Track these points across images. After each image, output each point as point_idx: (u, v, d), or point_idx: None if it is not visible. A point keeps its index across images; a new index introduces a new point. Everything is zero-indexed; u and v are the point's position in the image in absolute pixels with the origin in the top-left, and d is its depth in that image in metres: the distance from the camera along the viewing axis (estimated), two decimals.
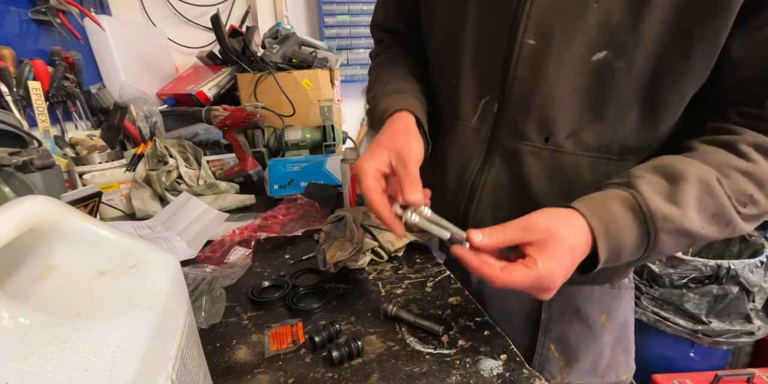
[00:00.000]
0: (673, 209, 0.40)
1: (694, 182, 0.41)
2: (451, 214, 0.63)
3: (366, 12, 2.21)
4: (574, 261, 0.41)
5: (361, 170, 0.48)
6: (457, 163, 0.60)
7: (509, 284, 0.40)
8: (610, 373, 0.65)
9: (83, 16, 1.26)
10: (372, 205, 0.47)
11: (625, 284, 0.64)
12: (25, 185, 0.71)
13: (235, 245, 0.75)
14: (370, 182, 0.47)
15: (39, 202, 0.27)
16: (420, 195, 0.45)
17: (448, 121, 0.61)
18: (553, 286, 0.41)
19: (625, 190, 0.42)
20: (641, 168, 0.45)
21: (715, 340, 1.31)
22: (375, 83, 0.66)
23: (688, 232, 0.41)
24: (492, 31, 0.51)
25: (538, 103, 0.50)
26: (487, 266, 0.41)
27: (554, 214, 0.42)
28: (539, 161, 0.53)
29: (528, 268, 0.39)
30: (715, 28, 0.41)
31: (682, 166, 0.42)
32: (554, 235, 0.40)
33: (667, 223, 0.41)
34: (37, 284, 0.27)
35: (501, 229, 0.42)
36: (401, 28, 0.71)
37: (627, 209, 0.41)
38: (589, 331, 0.63)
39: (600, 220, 0.41)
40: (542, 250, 0.40)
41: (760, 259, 1.32)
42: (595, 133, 0.50)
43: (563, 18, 0.46)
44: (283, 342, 0.50)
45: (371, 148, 0.51)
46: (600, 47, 0.45)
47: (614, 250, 0.42)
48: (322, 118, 1.29)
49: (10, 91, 0.93)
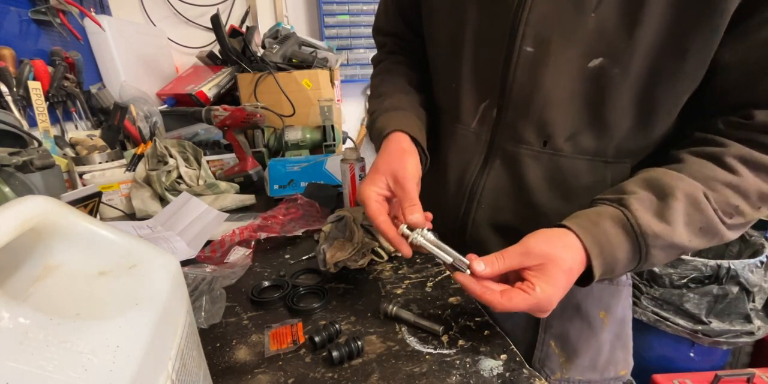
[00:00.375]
0: (663, 226, 0.42)
1: (682, 198, 0.43)
2: (452, 216, 0.64)
3: (366, 12, 2.21)
4: (570, 282, 0.43)
5: (364, 197, 0.51)
6: (457, 165, 0.61)
7: (510, 309, 0.42)
8: (609, 368, 0.66)
9: (83, 16, 1.26)
10: (379, 227, 0.50)
11: (623, 281, 0.65)
12: (25, 185, 0.71)
13: (235, 245, 0.75)
14: (374, 207, 0.51)
15: (39, 202, 0.27)
16: (420, 216, 0.48)
17: (449, 124, 0.62)
18: (550, 308, 0.43)
19: (617, 208, 0.44)
20: (633, 182, 0.47)
21: (715, 340, 1.31)
22: (374, 96, 0.69)
23: (677, 246, 0.44)
24: (491, 37, 0.53)
25: (536, 108, 0.51)
26: (489, 293, 0.43)
27: (551, 237, 0.44)
28: (538, 164, 0.54)
29: (527, 294, 0.41)
30: (708, 35, 0.42)
31: (671, 181, 0.44)
32: (552, 259, 0.42)
33: (657, 240, 0.43)
34: (37, 284, 0.27)
35: (501, 257, 0.44)
36: (403, 32, 0.72)
37: (619, 228, 0.43)
38: (588, 328, 0.63)
39: (594, 240, 0.43)
40: (541, 275, 0.42)
41: (760, 259, 1.32)
42: (593, 136, 0.51)
43: (561, 26, 0.47)
44: (283, 342, 0.50)
45: (370, 174, 0.54)
46: (596, 54, 0.46)
47: (608, 266, 0.44)
48: (322, 118, 1.29)
49: (10, 91, 0.93)
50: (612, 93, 0.47)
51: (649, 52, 0.44)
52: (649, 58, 0.45)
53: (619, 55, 0.45)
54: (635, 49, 0.44)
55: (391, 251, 0.71)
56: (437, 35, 0.62)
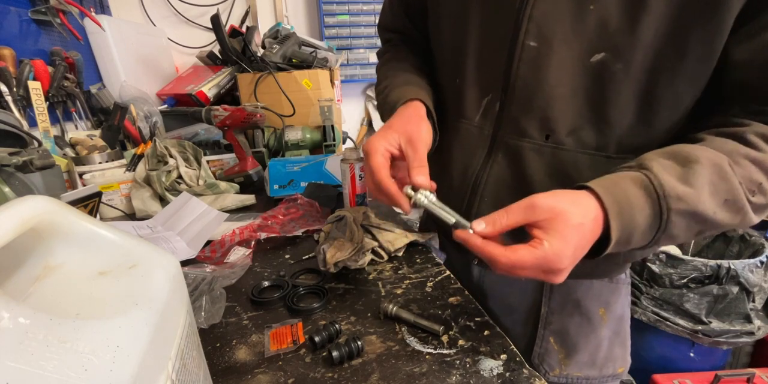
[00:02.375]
0: (687, 189, 0.40)
1: (707, 165, 0.40)
2: (455, 209, 0.63)
3: (366, 12, 2.21)
4: (584, 239, 0.40)
5: (371, 148, 0.49)
6: (460, 159, 0.61)
7: (515, 263, 0.39)
8: (608, 365, 0.66)
9: (83, 16, 1.26)
10: (380, 181, 0.48)
11: (623, 279, 0.65)
12: (25, 185, 0.71)
13: (235, 245, 0.75)
14: (378, 160, 0.49)
15: (39, 202, 0.27)
16: (426, 178, 0.47)
17: (452, 119, 0.62)
18: (561, 267, 0.39)
19: (638, 171, 0.42)
20: (652, 153, 0.44)
21: (715, 340, 1.31)
22: (384, 77, 0.68)
23: (700, 216, 0.41)
24: (495, 33, 0.53)
25: (539, 103, 0.51)
26: (491, 245, 0.40)
27: (558, 193, 0.42)
28: (540, 158, 0.54)
29: (534, 248, 0.38)
30: (710, 32, 0.42)
31: (693, 151, 0.42)
32: (559, 213, 0.39)
33: (680, 203, 0.40)
34: (37, 284, 0.27)
35: (504, 213, 0.41)
36: (408, 28, 0.73)
37: (640, 188, 0.40)
38: (588, 324, 0.64)
39: (614, 199, 0.40)
40: (548, 229, 0.39)
41: (760, 259, 1.32)
42: (595, 131, 0.51)
43: (563, 21, 0.47)
44: (283, 342, 0.50)
45: (382, 130, 0.52)
46: (598, 49, 0.46)
47: (626, 230, 0.41)
48: (322, 118, 1.29)
49: (10, 91, 0.93)
50: (614, 88, 0.47)
51: (650, 47, 0.44)
52: (650, 53, 0.44)
53: (621, 50, 0.45)
54: (637, 44, 0.44)
55: (391, 251, 0.71)
56: (441, 32, 0.62)
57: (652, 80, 0.46)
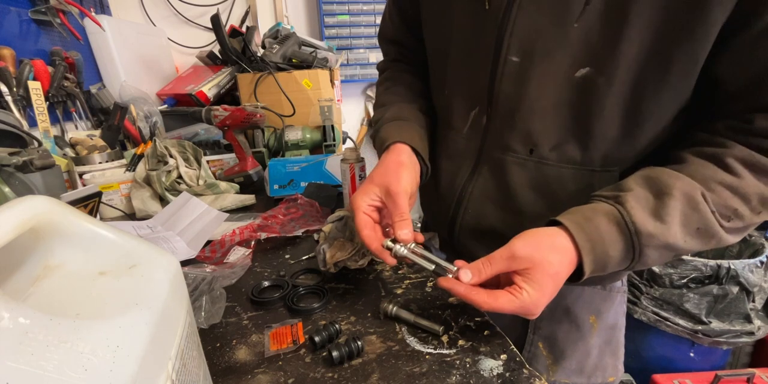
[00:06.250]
0: (658, 225, 0.42)
1: (679, 197, 0.42)
2: (441, 220, 0.64)
3: (366, 12, 2.21)
4: (557, 286, 0.43)
5: (355, 206, 0.53)
6: (449, 170, 0.62)
7: (496, 309, 0.42)
8: (597, 373, 0.65)
9: (83, 16, 1.26)
10: (363, 240, 0.52)
11: (617, 287, 0.64)
12: (25, 185, 0.71)
13: (235, 245, 0.75)
14: (361, 218, 0.52)
15: (39, 202, 0.27)
16: (409, 232, 0.50)
17: (442, 130, 0.64)
18: (537, 312, 0.43)
19: (613, 205, 0.44)
20: (632, 180, 0.46)
21: (715, 340, 1.31)
22: (380, 104, 0.70)
23: (672, 247, 0.43)
24: (478, 47, 0.53)
25: (522, 117, 0.52)
26: (474, 292, 0.43)
27: (538, 239, 0.44)
28: (524, 172, 0.54)
29: (514, 296, 0.42)
30: (693, 47, 0.42)
31: (669, 180, 0.43)
32: (538, 263, 0.42)
33: (651, 240, 0.42)
34: (37, 284, 0.27)
35: (488, 263, 0.44)
36: (406, 38, 0.73)
37: (613, 225, 0.43)
38: (577, 331, 0.63)
39: (586, 236, 0.43)
40: (528, 279, 0.42)
41: (760, 259, 1.32)
42: (579, 145, 0.51)
43: (546, 37, 0.47)
44: (283, 342, 0.50)
45: (364, 185, 0.55)
46: (582, 64, 0.46)
47: (599, 263, 0.43)
48: (322, 118, 1.29)
49: (10, 91, 0.93)
50: (598, 102, 0.47)
51: (633, 62, 0.44)
52: (634, 67, 0.44)
53: (604, 65, 0.45)
54: (620, 59, 0.44)
55: None
56: (429, 43, 0.63)
57: (636, 94, 0.46)
